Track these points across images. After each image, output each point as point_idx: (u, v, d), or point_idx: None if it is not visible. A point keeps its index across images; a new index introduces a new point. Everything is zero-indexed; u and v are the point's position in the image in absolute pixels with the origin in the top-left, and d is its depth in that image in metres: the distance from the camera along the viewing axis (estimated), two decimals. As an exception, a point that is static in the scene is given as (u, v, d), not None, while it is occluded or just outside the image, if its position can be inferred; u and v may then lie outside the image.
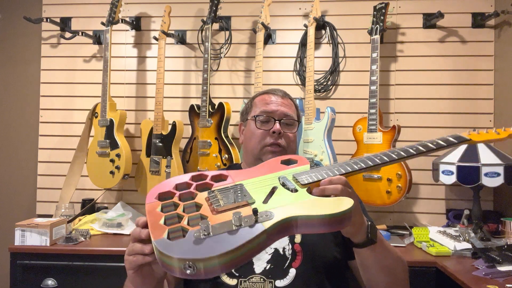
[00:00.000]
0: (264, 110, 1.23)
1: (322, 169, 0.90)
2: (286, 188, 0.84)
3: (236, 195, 0.82)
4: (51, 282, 1.73)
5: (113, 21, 2.22)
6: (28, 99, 2.47)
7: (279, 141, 1.19)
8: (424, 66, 2.28)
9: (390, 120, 2.28)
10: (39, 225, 1.75)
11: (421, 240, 1.81)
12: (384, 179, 1.97)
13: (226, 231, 0.69)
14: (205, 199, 0.82)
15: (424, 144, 0.91)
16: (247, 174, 0.93)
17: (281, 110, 1.23)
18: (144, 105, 2.42)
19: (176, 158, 2.13)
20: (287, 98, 1.29)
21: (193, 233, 0.69)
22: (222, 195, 0.82)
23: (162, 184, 0.88)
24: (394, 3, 2.28)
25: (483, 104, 2.24)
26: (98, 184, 2.22)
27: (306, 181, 0.85)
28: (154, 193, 0.85)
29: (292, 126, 1.24)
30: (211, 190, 0.85)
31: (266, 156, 1.18)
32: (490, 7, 2.25)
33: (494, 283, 1.31)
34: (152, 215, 0.77)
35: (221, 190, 0.85)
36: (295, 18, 2.36)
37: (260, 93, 1.32)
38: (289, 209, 0.75)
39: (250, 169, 0.97)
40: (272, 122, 1.21)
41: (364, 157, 0.91)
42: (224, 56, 2.37)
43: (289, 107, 1.26)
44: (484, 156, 1.87)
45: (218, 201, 0.80)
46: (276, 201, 0.79)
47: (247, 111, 1.30)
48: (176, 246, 0.68)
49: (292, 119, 1.24)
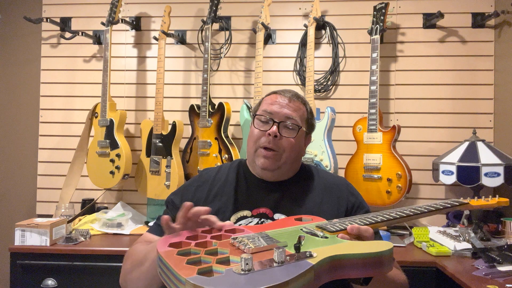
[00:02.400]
0: (265, 110, 1.15)
1: (343, 220, 0.91)
2: (314, 235, 0.81)
3: (265, 240, 0.76)
4: (51, 282, 1.73)
5: (113, 21, 2.22)
6: (28, 99, 2.47)
7: (272, 145, 1.11)
8: (424, 66, 2.28)
9: (390, 120, 2.28)
10: (39, 225, 1.75)
11: (421, 240, 1.81)
12: (384, 179, 1.97)
13: (269, 267, 0.63)
14: (229, 245, 0.76)
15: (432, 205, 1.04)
16: (265, 227, 0.88)
17: (283, 112, 1.13)
18: (144, 105, 2.42)
19: (176, 158, 2.13)
20: (295, 100, 1.17)
21: (231, 270, 0.63)
22: (250, 240, 0.76)
23: (169, 236, 0.82)
24: (394, 3, 2.28)
25: (483, 104, 2.24)
26: (98, 184, 2.21)
27: (334, 229, 0.84)
28: (165, 242, 0.78)
29: (293, 131, 1.14)
30: (234, 237, 0.79)
31: (259, 159, 1.13)
32: (490, 7, 2.25)
33: (494, 283, 1.31)
34: (171, 259, 0.70)
35: (246, 237, 0.79)
36: (295, 18, 2.36)
37: (272, 92, 1.23)
38: (331, 249, 0.71)
39: (267, 224, 0.95)
40: (271, 123, 1.13)
41: (382, 213, 0.97)
42: (224, 56, 2.37)
43: (295, 110, 1.15)
44: (484, 156, 1.87)
45: (248, 244, 0.74)
46: (311, 245, 0.74)
47: (255, 109, 1.23)
48: (216, 281, 0.61)
49: (293, 123, 1.14)
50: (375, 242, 0.76)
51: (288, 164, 1.15)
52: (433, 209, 1.01)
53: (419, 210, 0.99)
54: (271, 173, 1.15)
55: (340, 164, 2.10)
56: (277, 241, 0.76)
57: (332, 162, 1.97)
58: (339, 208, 1.14)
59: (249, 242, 0.75)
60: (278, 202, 1.13)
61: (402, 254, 1.71)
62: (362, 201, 1.20)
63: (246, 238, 0.78)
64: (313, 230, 0.85)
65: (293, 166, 1.19)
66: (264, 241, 0.75)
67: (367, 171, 2.02)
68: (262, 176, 1.17)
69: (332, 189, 1.18)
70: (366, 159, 2.02)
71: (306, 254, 0.68)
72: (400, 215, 0.94)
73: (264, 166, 1.12)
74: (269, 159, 1.12)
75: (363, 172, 2.03)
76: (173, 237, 0.82)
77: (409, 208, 1.00)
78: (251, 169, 1.20)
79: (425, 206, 1.02)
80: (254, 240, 0.76)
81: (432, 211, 1.01)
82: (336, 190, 1.18)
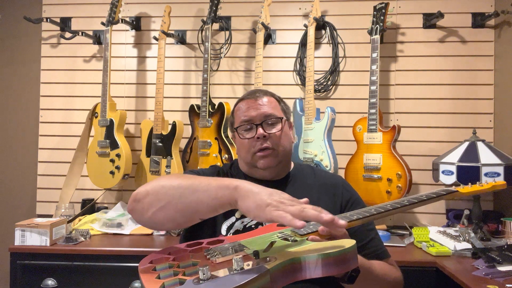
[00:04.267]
0: (242, 120, 1.18)
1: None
2: (285, 239, 0.83)
3: (234, 249, 0.81)
4: (51, 282, 1.73)
5: (113, 21, 2.22)
6: (28, 99, 2.47)
7: (265, 145, 1.15)
8: (424, 66, 2.28)
9: (390, 120, 2.28)
10: (39, 225, 1.75)
11: (421, 240, 1.81)
12: (384, 179, 1.97)
13: (229, 274, 0.67)
14: (202, 257, 0.81)
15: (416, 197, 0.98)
16: (243, 236, 0.93)
17: (259, 113, 1.17)
18: (144, 105, 2.42)
19: (176, 158, 2.13)
20: (263, 96, 1.21)
21: (191, 281, 0.68)
22: (220, 250, 0.81)
23: (156, 253, 0.86)
24: (394, 3, 2.28)
25: (483, 104, 2.24)
26: (98, 184, 2.22)
27: (305, 231, 0.84)
28: (147, 260, 0.82)
29: (277, 124, 1.18)
30: (208, 249, 0.84)
31: (259, 162, 1.15)
32: (490, 7, 2.25)
33: (494, 283, 1.31)
34: (146, 276, 0.75)
35: (219, 248, 0.84)
36: (295, 18, 2.36)
37: (238, 101, 1.26)
38: (292, 252, 0.73)
39: (247, 233, 0.97)
40: (254, 128, 1.16)
41: (361, 211, 0.93)
42: (224, 56, 2.37)
43: (268, 106, 1.19)
44: (484, 156, 1.87)
45: (216, 255, 0.79)
46: (277, 250, 0.78)
47: (231, 123, 1.27)
48: None
49: (273, 117, 1.17)
50: (339, 241, 0.76)
51: (286, 156, 1.20)
52: (415, 201, 0.96)
53: (400, 204, 0.94)
54: (274, 169, 1.17)
55: (340, 164, 2.10)
56: (246, 249, 0.80)
57: (332, 162, 1.97)
58: (335, 206, 1.15)
59: (219, 253, 0.79)
60: None
61: (402, 254, 1.71)
62: (357, 198, 1.21)
63: (218, 249, 0.82)
64: (286, 235, 0.86)
65: (289, 158, 1.23)
66: (233, 250, 0.80)
67: (367, 171, 2.02)
68: (264, 176, 1.18)
69: (328, 187, 1.19)
70: (366, 159, 2.02)
71: (266, 260, 0.71)
72: (378, 211, 0.91)
73: (266, 165, 1.15)
74: (268, 157, 1.15)
75: (363, 172, 2.03)
76: (156, 254, 0.85)
77: (391, 202, 0.96)
78: (251, 175, 1.22)
79: (407, 199, 0.97)
80: (224, 251, 0.80)
81: (415, 203, 0.96)
82: (332, 188, 1.19)
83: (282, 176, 1.21)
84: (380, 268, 1.03)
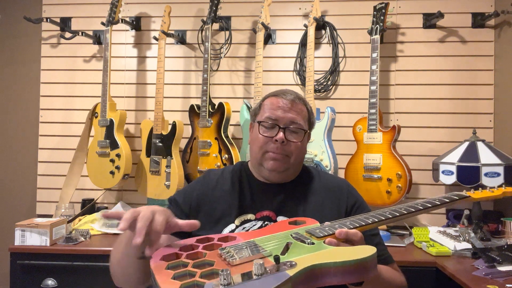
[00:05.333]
0: (269, 116, 1.14)
1: (334, 223, 0.89)
2: (302, 241, 0.82)
3: (251, 250, 0.79)
4: (51, 282, 1.73)
5: (113, 21, 2.22)
6: (28, 99, 2.47)
7: (280, 151, 1.12)
8: (424, 66, 2.28)
9: (390, 120, 2.28)
10: (39, 225, 1.75)
11: (421, 240, 1.81)
12: (384, 179, 1.97)
13: (248, 280, 0.66)
14: (217, 256, 0.79)
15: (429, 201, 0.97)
16: (256, 234, 0.90)
17: (287, 117, 1.13)
18: (144, 105, 2.42)
19: (176, 158, 2.13)
20: (298, 102, 1.17)
21: (211, 285, 0.66)
22: (236, 251, 0.79)
23: (166, 247, 0.84)
24: (394, 3, 2.28)
25: (483, 104, 2.24)
26: (98, 184, 2.22)
27: (322, 234, 0.83)
28: (158, 255, 0.80)
29: (299, 135, 1.14)
30: (223, 248, 0.82)
31: (267, 162, 1.13)
32: (490, 7, 2.25)
33: (494, 283, 1.31)
34: (159, 274, 0.73)
35: (234, 247, 0.82)
36: (295, 18, 2.36)
37: (271, 94, 1.21)
38: (312, 258, 0.72)
39: (259, 230, 0.95)
40: (276, 129, 1.13)
41: (376, 213, 0.93)
42: (224, 56, 2.37)
43: (299, 113, 1.16)
44: (484, 156, 1.87)
45: (233, 255, 0.76)
46: (295, 253, 0.76)
47: (255, 112, 1.22)
48: None
49: (299, 127, 1.14)
50: (359, 248, 0.75)
51: (295, 166, 1.17)
52: (429, 205, 0.95)
53: (414, 208, 0.93)
54: (278, 174, 1.15)
55: (340, 164, 2.10)
56: (263, 250, 0.78)
57: (332, 162, 1.97)
58: (339, 210, 1.14)
59: (235, 253, 0.77)
60: (281, 204, 1.13)
61: (402, 254, 1.71)
62: (362, 202, 1.20)
63: (233, 248, 0.80)
64: (302, 236, 0.85)
65: (299, 167, 1.21)
66: (250, 251, 0.78)
67: (367, 171, 2.02)
68: (269, 177, 1.17)
69: (333, 191, 1.18)
70: (366, 159, 2.02)
71: (286, 264, 0.70)
72: (393, 215, 0.91)
73: (273, 168, 1.13)
74: (279, 161, 1.12)
75: (363, 172, 2.03)
76: (167, 248, 0.84)
77: (404, 206, 0.95)
78: (256, 172, 1.20)
79: (421, 203, 0.95)
80: (240, 251, 0.79)
81: (429, 207, 0.94)
82: (337, 191, 1.18)
83: (287, 181, 1.19)
84: (386, 273, 1.03)
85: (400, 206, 0.95)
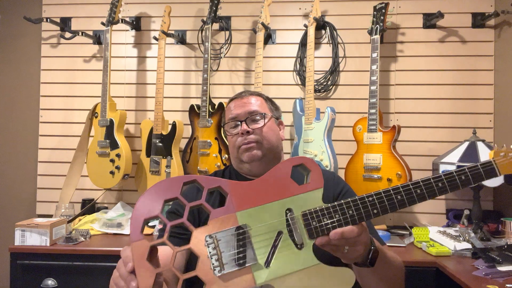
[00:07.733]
0: (229, 118, 1.26)
1: (334, 208, 0.84)
2: (292, 239, 0.82)
3: (237, 245, 0.79)
4: (51, 282, 1.73)
5: (113, 21, 2.22)
6: (28, 99, 2.47)
7: (249, 139, 1.19)
8: (424, 66, 2.28)
9: (390, 120, 2.28)
10: (39, 225, 1.75)
11: (421, 240, 1.81)
12: (384, 179, 1.97)
13: None
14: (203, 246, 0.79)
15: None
16: (252, 197, 0.84)
17: (244, 110, 1.23)
18: (144, 105, 2.42)
19: (176, 158, 2.13)
20: (250, 96, 1.28)
21: None
22: (223, 245, 0.79)
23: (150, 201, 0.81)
24: (394, 3, 2.28)
25: (483, 104, 2.24)
26: (98, 184, 2.22)
27: (316, 233, 0.82)
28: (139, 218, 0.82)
29: (260, 120, 1.23)
30: (210, 235, 0.79)
31: (243, 155, 1.19)
32: (490, 7, 2.25)
33: (494, 283, 1.31)
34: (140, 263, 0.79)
35: (222, 237, 0.80)
36: (295, 18, 2.36)
37: (229, 100, 1.33)
38: (290, 281, 0.78)
39: (256, 182, 0.87)
40: (239, 125, 1.23)
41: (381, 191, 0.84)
42: (224, 56, 2.37)
43: (253, 104, 1.26)
44: (484, 156, 1.87)
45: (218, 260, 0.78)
46: (279, 262, 0.80)
47: (223, 122, 1.33)
48: None
49: (257, 114, 1.23)
50: (338, 273, 0.79)
51: (272, 150, 1.22)
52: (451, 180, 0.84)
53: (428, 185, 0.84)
54: (259, 163, 1.19)
55: (340, 164, 2.10)
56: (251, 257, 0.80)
57: (332, 162, 1.97)
58: (328, 200, 1.16)
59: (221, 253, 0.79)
60: None
61: (402, 254, 1.70)
62: (349, 189, 1.24)
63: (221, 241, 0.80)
64: (296, 224, 0.82)
65: (277, 154, 1.25)
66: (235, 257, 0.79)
67: (367, 171, 2.02)
68: (252, 170, 1.21)
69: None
70: (366, 159, 2.02)
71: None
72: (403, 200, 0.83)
73: (250, 158, 1.19)
74: (252, 150, 1.19)
75: (363, 172, 2.03)
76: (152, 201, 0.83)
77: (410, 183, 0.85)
78: (242, 171, 1.26)
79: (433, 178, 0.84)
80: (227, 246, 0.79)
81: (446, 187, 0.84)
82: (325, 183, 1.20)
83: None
84: (388, 250, 1.04)
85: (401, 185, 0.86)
